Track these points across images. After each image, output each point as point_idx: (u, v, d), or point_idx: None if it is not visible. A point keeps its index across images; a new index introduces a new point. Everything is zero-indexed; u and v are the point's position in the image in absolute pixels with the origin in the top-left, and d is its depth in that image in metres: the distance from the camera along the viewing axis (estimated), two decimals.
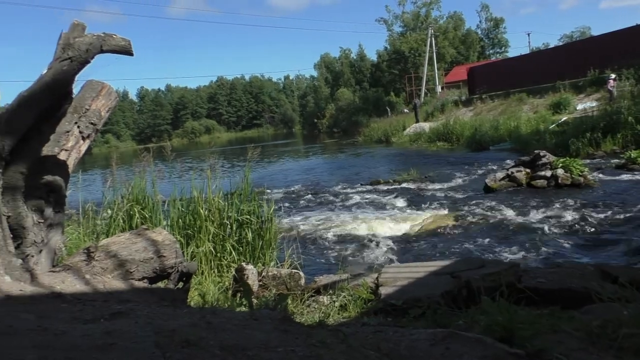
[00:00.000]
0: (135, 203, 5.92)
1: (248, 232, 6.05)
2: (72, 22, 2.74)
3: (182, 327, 1.85)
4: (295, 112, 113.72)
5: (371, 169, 19.83)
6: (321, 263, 7.49)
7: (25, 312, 1.87)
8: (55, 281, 2.38)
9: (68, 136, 2.95)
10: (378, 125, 40.43)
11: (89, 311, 2.00)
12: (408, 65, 59.29)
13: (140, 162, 6.58)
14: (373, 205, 11.86)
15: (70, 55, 2.59)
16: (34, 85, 2.59)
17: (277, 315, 2.34)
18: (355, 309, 4.59)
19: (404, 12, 64.31)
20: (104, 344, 1.57)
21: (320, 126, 71.43)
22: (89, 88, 3.14)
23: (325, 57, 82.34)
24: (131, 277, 2.69)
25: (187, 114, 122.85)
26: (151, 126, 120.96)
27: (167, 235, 2.98)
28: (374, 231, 9.19)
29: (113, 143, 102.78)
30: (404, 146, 29.54)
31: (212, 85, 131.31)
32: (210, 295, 4.85)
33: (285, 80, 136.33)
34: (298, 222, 10.49)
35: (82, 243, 5.21)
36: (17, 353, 1.43)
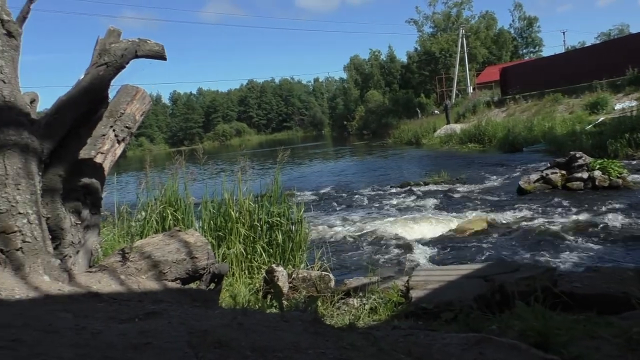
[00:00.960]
0: (168, 205, 6.03)
1: (278, 234, 6.08)
2: (108, 29, 2.82)
3: (214, 328, 1.88)
4: (324, 114, 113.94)
5: (401, 171, 19.69)
6: (351, 265, 7.47)
7: (64, 311, 1.93)
8: (91, 281, 2.44)
9: (104, 140, 3.03)
10: (408, 126, 40.09)
11: (124, 311, 2.04)
12: (439, 66, 58.67)
13: (172, 164, 6.70)
14: (403, 208, 11.77)
15: (106, 60, 2.66)
16: (72, 90, 2.67)
17: (307, 317, 2.34)
18: (386, 312, 4.56)
19: (435, 13, 63.76)
20: (139, 344, 1.60)
21: (350, 128, 71.36)
22: (124, 92, 3.21)
23: (355, 59, 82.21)
24: (164, 277, 2.73)
25: (218, 117, 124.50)
26: (183, 129, 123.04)
27: (199, 237, 3.02)
28: (404, 234, 9.11)
29: (146, 146, 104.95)
30: (435, 148, 29.21)
31: (243, 89, 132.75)
32: (241, 296, 4.90)
33: (314, 82, 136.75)
34: (328, 224, 10.49)
35: (117, 244, 5.34)
36: (56, 351, 1.47)
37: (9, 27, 2.45)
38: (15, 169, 2.32)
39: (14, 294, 2.07)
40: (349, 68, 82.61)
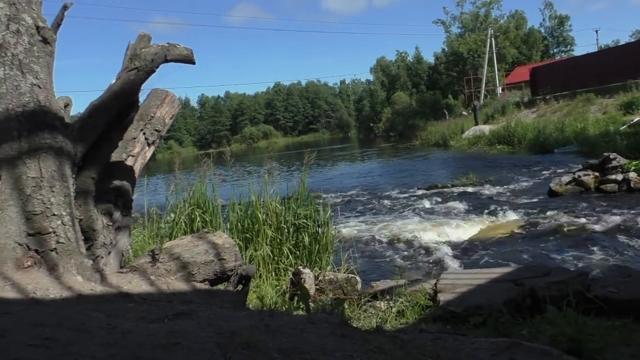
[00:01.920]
0: (197, 207, 6.11)
1: (305, 236, 6.10)
2: (139, 34, 2.87)
3: (242, 329, 1.89)
4: (351, 116, 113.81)
5: (428, 173, 19.50)
6: (378, 268, 7.43)
7: (96, 310, 1.97)
8: (122, 281, 2.49)
9: (134, 143, 3.09)
10: (435, 128, 39.72)
11: (154, 311, 2.08)
12: (467, 66, 57.93)
13: (201, 167, 6.79)
14: (430, 210, 11.65)
15: (137, 65, 2.71)
16: (104, 95, 2.73)
17: (334, 319, 2.34)
18: (413, 315, 4.52)
19: (463, 13, 63.03)
20: (168, 344, 1.63)
21: (377, 130, 71.09)
22: (154, 96, 3.27)
23: (382, 61, 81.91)
24: (193, 279, 2.77)
25: (245, 119, 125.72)
26: (211, 132, 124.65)
27: (227, 239, 3.05)
28: (431, 236, 9.02)
29: (175, 149, 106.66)
30: (463, 149, 28.84)
31: (270, 91, 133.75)
32: (268, 298, 4.93)
33: (341, 84, 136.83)
34: (354, 226, 10.47)
35: (147, 245, 5.44)
36: (88, 350, 1.50)
37: (44, 33, 2.53)
38: (50, 172, 2.38)
39: (48, 293, 2.12)
40: (376, 70, 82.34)
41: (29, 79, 2.42)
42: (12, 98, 2.36)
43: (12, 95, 2.36)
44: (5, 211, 2.29)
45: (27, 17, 2.45)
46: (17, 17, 2.40)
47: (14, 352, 1.41)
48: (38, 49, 2.49)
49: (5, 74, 2.36)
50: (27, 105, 2.38)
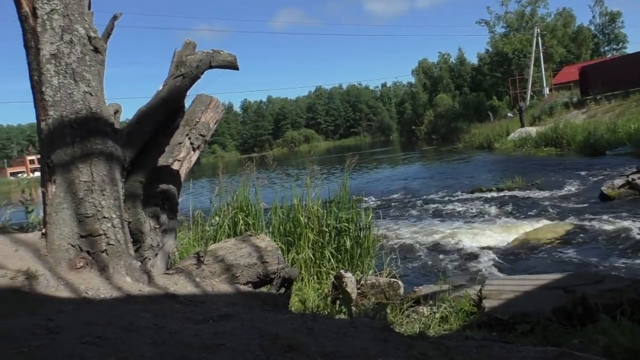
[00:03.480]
0: (240, 210, 6.20)
1: (346, 239, 6.08)
2: (184, 41, 2.95)
3: (285, 332, 1.90)
4: (392, 119, 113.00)
5: (472, 176, 19.10)
6: (420, 273, 7.33)
7: (144, 310, 2.03)
8: (169, 283, 2.56)
9: (180, 147, 3.17)
10: (479, 130, 38.93)
11: (199, 312, 2.12)
12: (512, 67, 56.45)
13: (244, 171, 6.88)
14: (475, 214, 11.41)
15: (182, 72, 2.79)
16: (151, 101, 2.82)
17: (376, 324, 2.32)
18: (457, 321, 4.43)
19: (507, 12, 61.50)
20: (213, 344, 1.66)
21: (419, 133, 70.29)
22: (199, 102, 3.35)
23: (423, 63, 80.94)
24: (237, 281, 2.81)
25: (287, 124, 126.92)
26: (253, 136, 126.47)
27: (270, 242, 3.08)
28: (476, 241, 8.82)
29: (219, 153, 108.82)
30: (508, 152, 28.12)
31: (311, 95, 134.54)
32: (310, 301, 4.94)
33: (382, 87, 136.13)
34: (396, 230, 10.36)
35: (192, 248, 5.56)
36: (137, 349, 1.55)
37: (96, 43, 2.63)
38: (101, 176, 2.47)
39: (99, 293, 2.20)
40: (417, 72, 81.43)
41: (82, 87, 2.52)
42: (66, 105, 2.46)
43: (65, 103, 2.46)
44: (59, 214, 2.39)
45: (79, 27, 2.56)
46: (70, 27, 2.51)
47: (68, 350, 1.46)
48: (90, 58, 2.59)
49: (60, 82, 2.46)
50: (80, 112, 2.48)
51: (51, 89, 2.45)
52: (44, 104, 2.45)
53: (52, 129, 2.44)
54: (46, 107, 2.45)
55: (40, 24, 2.45)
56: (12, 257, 2.32)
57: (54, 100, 2.45)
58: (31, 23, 2.47)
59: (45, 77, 2.44)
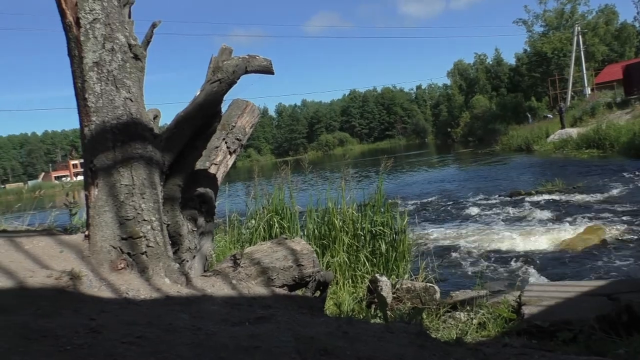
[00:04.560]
0: (275, 213, 6.25)
1: (381, 243, 6.05)
2: (221, 47, 3.00)
3: (320, 335, 1.90)
4: (427, 121, 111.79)
5: (510, 180, 18.67)
6: (457, 277, 7.21)
7: (182, 312, 2.06)
8: (206, 285, 2.59)
9: (217, 151, 3.22)
10: (517, 132, 38.09)
11: (236, 314, 2.14)
12: (551, 67, 55.00)
13: (278, 174, 6.94)
14: (513, 218, 11.15)
15: (219, 77, 2.83)
16: (189, 106, 2.87)
17: (412, 329, 2.30)
18: (495, 328, 4.34)
19: (546, 11, 59.98)
20: (249, 346, 1.67)
21: (454, 135, 69.31)
22: (235, 106, 3.40)
23: (459, 64, 79.85)
24: (272, 284, 2.83)
25: (321, 127, 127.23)
26: (288, 140, 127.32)
27: (305, 245, 3.09)
28: (514, 246, 8.63)
29: (254, 157, 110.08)
30: (548, 154, 27.39)
31: (345, 99, 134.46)
32: (345, 305, 4.93)
33: (417, 90, 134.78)
34: (432, 234, 10.24)
35: (228, 250, 5.63)
36: (176, 349, 1.57)
37: (136, 50, 2.70)
38: (141, 180, 2.53)
39: (139, 294, 2.25)
40: (453, 73, 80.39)
41: (122, 93, 2.59)
42: (108, 111, 2.54)
43: (107, 109, 2.54)
44: (101, 216, 2.47)
45: (120, 36, 2.63)
46: (111, 36, 2.59)
47: (109, 349, 1.50)
48: (130, 65, 2.67)
49: (102, 89, 2.54)
50: (121, 118, 2.55)
51: (94, 96, 2.53)
52: (87, 110, 2.53)
53: (95, 134, 2.52)
54: (89, 113, 2.53)
55: (83, 33, 2.54)
56: (57, 258, 2.40)
57: (96, 106, 2.53)
58: (75, 32, 2.55)
59: (88, 84, 2.52)
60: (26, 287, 2.01)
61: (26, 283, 2.03)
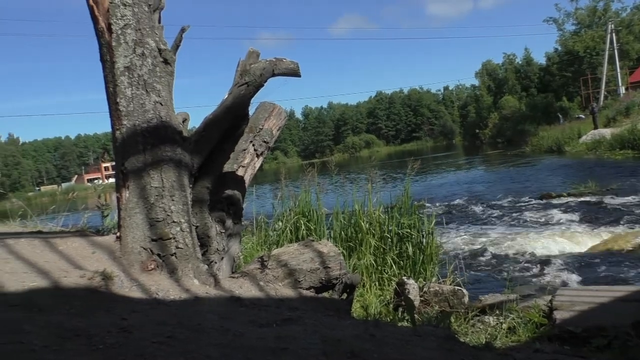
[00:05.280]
0: (302, 215, 6.26)
1: (409, 246, 5.99)
2: (248, 50, 3.03)
3: (347, 338, 1.90)
4: (455, 123, 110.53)
5: (541, 181, 18.29)
6: (486, 281, 7.10)
7: (211, 312, 2.09)
8: (234, 286, 2.62)
9: (245, 154, 3.25)
10: (548, 133, 37.30)
11: (263, 316, 2.15)
12: (583, 66, 53.69)
13: (305, 176, 6.95)
14: (544, 221, 10.92)
15: (246, 80, 2.86)
16: (217, 110, 2.91)
17: (440, 333, 2.27)
18: (526, 333, 4.26)
19: (578, 9, 58.54)
20: (277, 348, 1.68)
21: (483, 137, 68.29)
22: (262, 109, 3.43)
23: (487, 64, 78.72)
24: (299, 286, 2.84)
25: (347, 129, 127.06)
26: (314, 142, 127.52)
27: (332, 247, 3.09)
28: (545, 249, 8.45)
29: (281, 159, 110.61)
30: (580, 155, 26.73)
31: (371, 101, 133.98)
32: (372, 307, 4.91)
33: (444, 91, 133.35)
34: (460, 236, 10.11)
35: (255, 252, 5.67)
36: (204, 349, 1.59)
37: (165, 55, 2.75)
38: (171, 182, 2.58)
39: (169, 294, 2.29)
40: (481, 74, 79.27)
41: (152, 97, 2.64)
42: (138, 115, 2.59)
43: (138, 113, 2.59)
44: (132, 218, 2.52)
45: (150, 41, 2.69)
46: (142, 41, 2.64)
47: (140, 348, 1.53)
48: (160, 70, 2.72)
49: (133, 93, 2.60)
50: (151, 121, 2.60)
51: (125, 100, 2.58)
52: (118, 114, 2.59)
53: (126, 137, 2.57)
54: (120, 116, 2.58)
55: (115, 39, 2.59)
56: (89, 258, 2.46)
57: (127, 110, 2.58)
58: (107, 38, 2.62)
59: (120, 89, 2.58)
60: (61, 286, 2.06)
61: (61, 283, 2.09)
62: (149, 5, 2.73)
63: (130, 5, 2.62)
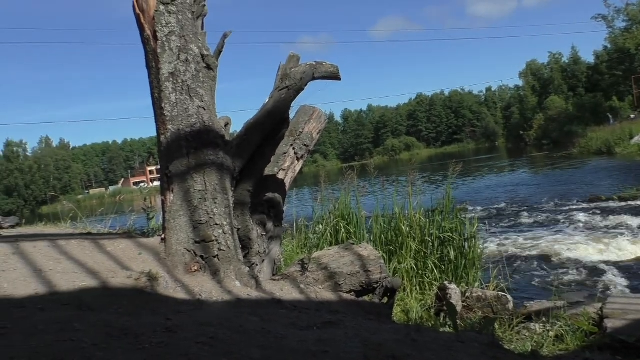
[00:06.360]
0: (341, 218, 6.25)
1: (450, 250, 5.89)
2: (289, 54, 3.05)
3: (388, 342, 1.88)
4: (498, 124, 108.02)
5: (590, 184, 17.63)
6: (531, 287, 6.90)
7: (252, 314, 2.11)
8: (275, 288, 2.64)
9: (285, 157, 3.28)
10: (597, 134, 35.98)
11: (304, 318, 2.16)
12: (635, 64, 51.49)
13: (345, 179, 6.94)
14: (593, 225, 10.51)
15: (287, 84, 2.88)
16: (258, 114, 2.95)
17: (484, 339, 2.22)
18: (574, 341, 4.10)
19: (629, 4, 56.16)
20: (317, 351, 1.68)
21: (527, 138, 66.51)
22: (302, 113, 3.45)
23: (532, 64, 76.62)
24: (340, 289, 2.83)
25: (387, 132, 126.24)
26: (354, 145, 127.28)
27: (373, 251, 3.07)
28: (594, 254, 8.13)
29: (320, 162, 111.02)
30: (632, 157, 25.63)
31: (412, 103, 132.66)
32: (413, 312, 4.84)
33: (486, 92, 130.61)
34: (504, 241, 9.86)
35: (295, 255, 5.70)
36: (246, 351, 1.61)
37: (208, 60, 2.81)
38: (213, 185, 2.62)
39: (211, 296, 2.33)
40: (525, 74, 77.24)
41: (196, 102, 2.70)
42: (182, 120, 2.65)
43: (182, 117, 2.65)
44: (176, 220, 2.57)
45: (194, 47, 2.75)
46: (186, 47, 2.71)
47: (184, 348, 1.56)
48: (203, 75, 2.77)
49: (177, 98, 2.66)
50: (194, 126, 2.66)
51: (169, 105, 2.65)
52: (163, 119, 2.66)
53: (170, 141, 2.64)
54: (165, 121, 2.65)
55: (160, 46, 2.67)
56: (136, 259, 2.53)
57: (171, 115, 2.65)
58: (152, 45, 2.69)
59: (164, 94, 2.65)
60: (109, 286, 2.13)
61: (109, 283, 2.15)
62: (193, 12, 2.80)
63: (175, 13, 2.69)
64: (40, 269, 2.24)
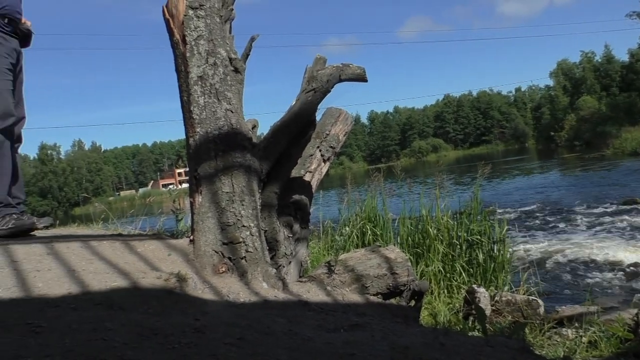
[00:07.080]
0: (368, 221, 6.23)
1: (479, 253, 5.81)
2: (315, 57, 3.06)
3: (416, 346, 1.86)
4: (528, 125, 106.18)
5: (625, 186, 17.13)
6: (563, 292, 6.74)
7: (279, 316, 2.12)
8: (301, 290, 2.64)
9: (312, 159, 3.29)
10: (632, 134, 35.05)
11: (331, 321, 2.16)
12: None
13: (371, 181, 6.93)
14: (628, 228, 10.22)
15: (313, 86, 2.89)
16: (285, 116, 2.96)
17: (514, 344, 2.18)
18: (609, 348, 3.99)
19: None
20: (344, 354, 1.67)
21: (558, 139, 65.16)
22: (329, 114, 3.45)
23: (563, 63, 75.13)
24: (366, 291, 2.82)
25: (414, 133, 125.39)
26: (380, 147, 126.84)
27: (400, 253, 3.05)
28: (629, 258, 7.90)
29: (347, 164, 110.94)
30: None
31: (439, 104, 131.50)
32: (441, 316, 4.79)
33: (516, 92, 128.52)
34: (535, 244, 9.67)
35: (322, 257, 5.70)
36: (273, 352, 1.62)
37: (236, 64, 2.84)
38: (241, 187, 2.64)
39: (239, 297, 2.35)
40: (556, 74, 75.78)
41: (224, 105, 2.73)
42: (210, 122, 2.68)
43: (210, 120, 2.68)
44: (205, 222, 2.61)
45: (222, 50, 2.78)
46: (214, 51, 2.74)
47: (212, 349, 1.58)
48: (231, 78, 2.80)
49: (205, 101, 2.69)
50: (222, 129, 2.69)
51: (198, 108, 2.69)
52: (192, 122, 2.69)
53: (199, 144, 2.67)
54: (194, 124, 2.69)
55: (189, 50, 2.71)
56: (165, 260, 2.57)
57: (200, 118, 2.68)
58: (181, 49, 2.74)
59: (193, 97, 2.69)
60: (139, 287, 2.17)
61: (139, 283, 2.19)
62: (221, 16, 2.83)
63: (203, 17, 2.73)
64: (74, 269, 2.30)
